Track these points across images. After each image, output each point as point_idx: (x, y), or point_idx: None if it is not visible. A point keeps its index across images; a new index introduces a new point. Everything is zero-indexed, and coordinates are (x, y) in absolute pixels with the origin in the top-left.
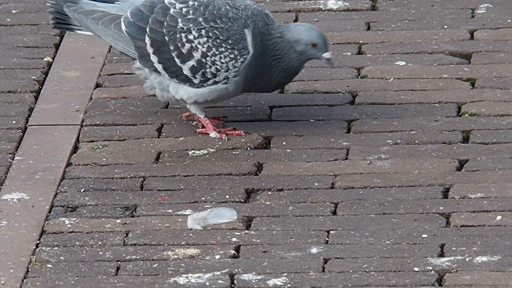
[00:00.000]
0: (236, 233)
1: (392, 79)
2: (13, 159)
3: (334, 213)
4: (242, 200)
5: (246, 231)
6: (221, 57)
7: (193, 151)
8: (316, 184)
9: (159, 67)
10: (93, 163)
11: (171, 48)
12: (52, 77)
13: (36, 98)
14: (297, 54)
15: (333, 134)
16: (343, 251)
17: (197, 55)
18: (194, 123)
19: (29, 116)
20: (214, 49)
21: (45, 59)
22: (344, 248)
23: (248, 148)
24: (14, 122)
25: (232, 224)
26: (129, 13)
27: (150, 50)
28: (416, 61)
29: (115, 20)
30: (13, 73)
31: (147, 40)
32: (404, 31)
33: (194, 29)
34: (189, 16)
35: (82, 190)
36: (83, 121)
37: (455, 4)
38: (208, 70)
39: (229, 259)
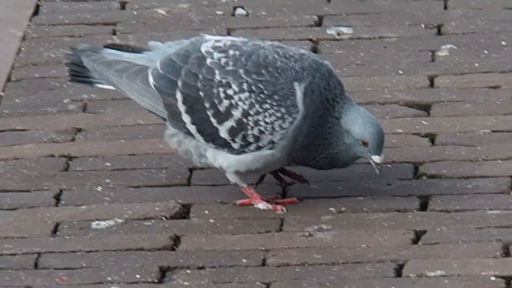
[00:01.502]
0: None
1: None
2: None
3: None
4: (156, 280)
5: None
6: (265, 116)
7: (97, 222)
8: (244, 260)
9: (192, 128)
10: None
11: (207, 105)
12: None
13: None
14: (346, 147)
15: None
16: None
17: (236, 113)
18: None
19: None
20: (257, 106)
21: None
22: None
23: (163, 218)
24: None
25: None
26: (159, 64)
27: (182, 108)
28: None
29: (141, 72)
30: None
31: (178, 96)
32: (351, 77)
33: (233, 83)
34: (228, 68)
35: None
36: None
37: (412, 46)
38: (249, 132)
39: None
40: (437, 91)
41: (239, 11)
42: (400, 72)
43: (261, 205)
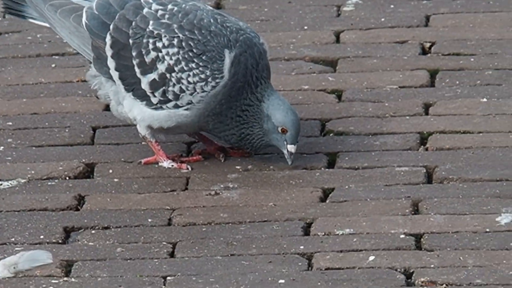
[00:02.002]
0: (53, 281)
1: None
2: None
3: (172, 255)
4: (60, 241)
5: (65, 278)
6: (189, 75)
7: None
8: (149, 220)
9: (115, 75)
10: None
11: (134, 54)
12: None
13: None
14: (262, 132)
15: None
16: None
17: (161, 67)
18: None
19: None
20: (183, 63)
21: None
22: None
23: (67, 178)
24: None
25: (48, 270)
26: (95, 4)
27: (108, 52)
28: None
29: (77, 11)
30: None
31: (108, 39)
32: None
33: (165, 36)
34: (163, 20)
35: None
36: None
37: (317, 1)
38: (170, 89)
39: None
40: (343, 47)
41: None
42: (305, 27)
43: (166, 163)
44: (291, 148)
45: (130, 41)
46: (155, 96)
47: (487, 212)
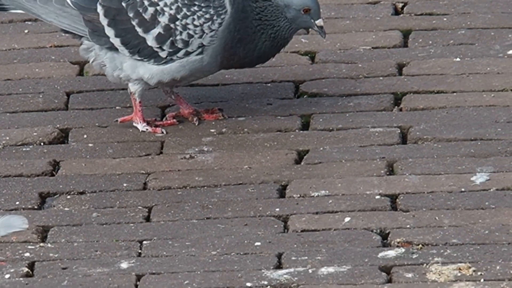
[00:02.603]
0: (29, 247)
1: None
2: None
3: (148, 219)
4: (36, 207)
5: (42, 244)
6: (193, 19)
7: None
8: (125, 185)
9: (116, 41)
10: None
11: (131, 15)
12: None
13: None
14: (287, 22)
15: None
16: (159, 265)
17: (163, 19)
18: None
19: None
20: (184, 9)
21: None
22: (160, 262)
23: (42, 144)
24: None
25: (24, 235)
26: None
27: (104, 21)
28: None
29: None
30: None
31: (99, 9)
32: None
33: None
34: None
35: None
36: None
37: None
38: (178, 37)
39: (21, 279)
40: None
41: None
42: None
43: (140, 126)
44: (320, 22)
45: (123, 4)
46: (163, 49)
47: (462, 172)
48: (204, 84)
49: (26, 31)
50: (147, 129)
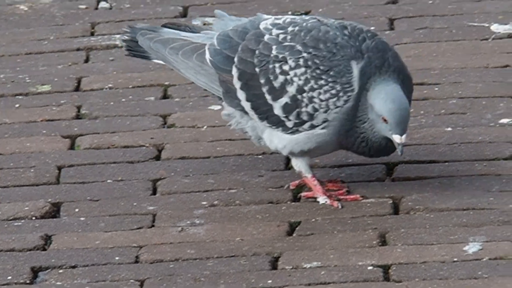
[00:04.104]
0: None
1: (205, 127)
2: None
3: None
4: (28, 281)
5: None
6: (320, 93)
7: None
8: (117, 258)
9: (247, 105)
10: None
11: (262, 81)
12: None
13: None
14: (370, 123)
15: (136, 197)
16: None
17: (291, 89)
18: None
19: None
20: (312, 82)
21: None
22: None
23: (33, 218)
24: None
25: None
26: (216, 40)
27: (237, 84)
28: None
29: (198, 50)
30: None
31: (234, 71)
32: None
33: (290, 58)
34: (286, 43)
35: None
36: None
37: None
38: (304, 109)
39: None
40: None
41: (103, 4)
42: None
43: (322, 199)
44: (396, 138)
45: (257, 69)
46: (289, 119)
47: (455, 242)
48: (196, 157)
49: (17, 105)
50: (326, 201)
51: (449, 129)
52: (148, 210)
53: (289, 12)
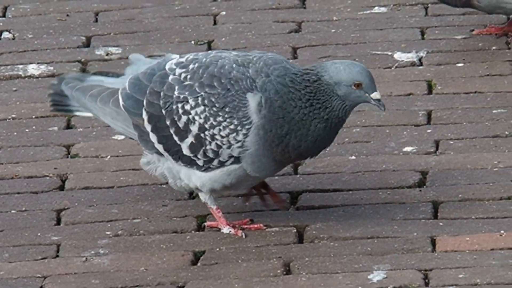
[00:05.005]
0: None
1: (109, 157)
2: None
3: None
4: None
5: None
6: (219, 130)
7: None
8: None
9: (160, 148)
10: None
11: (168, 123)
12: None
13: None
14: (340, 100)
15: (39, 227)
16: None
17: (194, 128)
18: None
19: None
20: (211, 119)
21: None
22: None
23: None
24: None
25: None
26: (127, 84)
27: (148, 127)
28: None
29: (114, 95)
30: None
31: (144, 115)
32: None
33: (190, 97)
34: (186, 83)
35: None
36: None
37: None
38: (208, 147)
39: None
40: None
41: (5, 34)
42: None
43: (226, 230)
44: (375, 95)
45: (163, 111)
46: (198, 158)
47: (359, 270)
48: (100, 187)
49: None
50: (230, 231)
51: (353, 157)
52: (52, 240)
53: (192, 42)
